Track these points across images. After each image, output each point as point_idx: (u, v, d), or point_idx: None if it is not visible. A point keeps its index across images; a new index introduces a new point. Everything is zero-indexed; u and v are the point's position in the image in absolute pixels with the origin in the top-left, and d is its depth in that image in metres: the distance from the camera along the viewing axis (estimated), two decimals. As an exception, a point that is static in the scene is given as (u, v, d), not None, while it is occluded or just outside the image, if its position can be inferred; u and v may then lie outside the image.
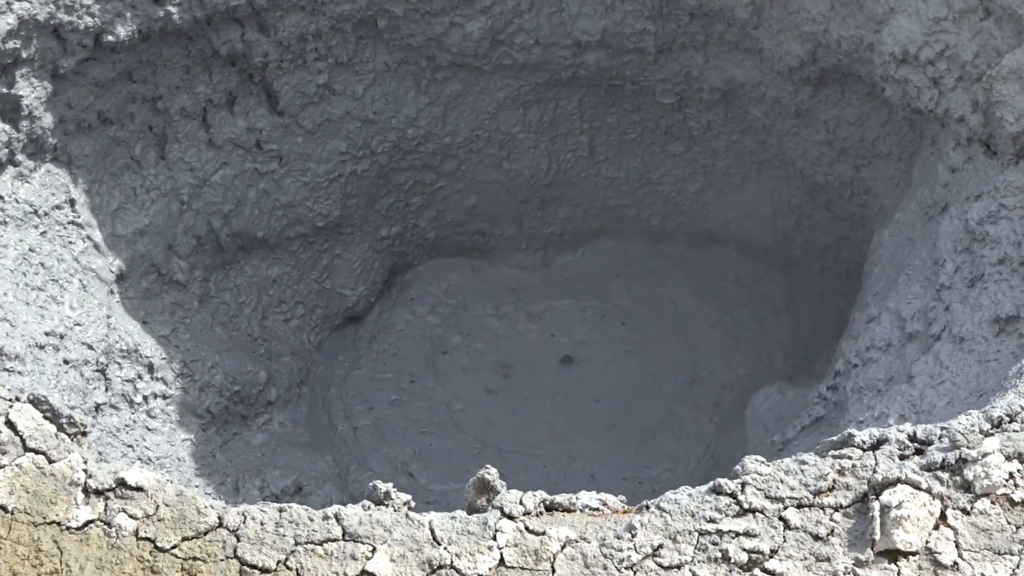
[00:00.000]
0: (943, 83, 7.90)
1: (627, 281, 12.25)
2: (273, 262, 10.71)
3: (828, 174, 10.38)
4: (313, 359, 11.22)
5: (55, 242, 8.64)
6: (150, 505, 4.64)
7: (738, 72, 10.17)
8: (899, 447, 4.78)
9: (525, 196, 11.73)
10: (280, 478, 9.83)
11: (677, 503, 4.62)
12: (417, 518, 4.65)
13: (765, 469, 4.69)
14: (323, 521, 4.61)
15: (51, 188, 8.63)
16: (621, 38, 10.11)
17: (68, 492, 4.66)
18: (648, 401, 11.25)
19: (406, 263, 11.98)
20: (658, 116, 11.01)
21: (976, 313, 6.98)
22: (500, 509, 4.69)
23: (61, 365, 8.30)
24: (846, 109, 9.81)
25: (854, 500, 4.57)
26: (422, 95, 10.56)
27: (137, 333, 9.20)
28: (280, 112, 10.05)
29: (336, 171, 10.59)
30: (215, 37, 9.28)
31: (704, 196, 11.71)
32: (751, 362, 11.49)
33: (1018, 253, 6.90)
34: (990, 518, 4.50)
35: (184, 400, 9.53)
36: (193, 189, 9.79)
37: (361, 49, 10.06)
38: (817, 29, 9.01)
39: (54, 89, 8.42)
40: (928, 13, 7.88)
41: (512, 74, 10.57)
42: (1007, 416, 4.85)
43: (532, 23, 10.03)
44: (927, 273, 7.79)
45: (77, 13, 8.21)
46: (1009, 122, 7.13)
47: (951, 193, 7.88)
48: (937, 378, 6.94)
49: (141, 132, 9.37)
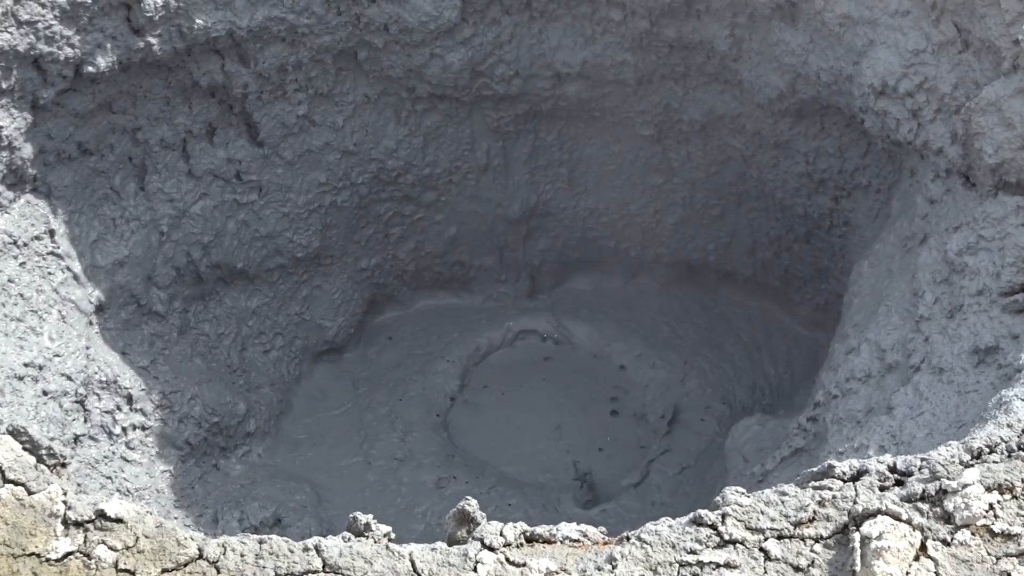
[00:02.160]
0: (922, 115, 7.93)
1: (604, 312, 12.25)
2: (252, 293, 10.70)
3: (807, 205, 10.41)
4: (292, 390, 11.20)
5: (34, 273, 8.62)
6: (130, 537, 4.62)
7: (718, 104, 10.20)
8: (879, 478, 4.78)
9: (504, 227, 11.74)
10: (259, 510, 9.81)
11: (658, 534, 4.62)
12: (397, 549, 4.63)
13: (746, 500, 4.68)
14: (303, 552, 4.60)
15: (30, 219, 8.61)
16: (601, 70, 10.14)
17: (47, 524, 4.64)
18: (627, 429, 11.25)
19: (386, 294, 11.97)
20: (637, 148, 11.03)
21: (955, 344, 6.99)
22: (480, 540, 4.67)
23: (40, 396, 8.27)
24: (825, 141, 9.85)
25: (834, 531, 4.57)
26: (402, 126, 10.57)
27: (116, 364, 9.19)
28: (260, 143, 10.05)
29: (316, 202, 10.59)
30: (195, 68, 9.29)
31: (683, 227, 11.73)
32: (731, 393, 11.48)
33: (997, 284, 6.92)
34: (970, 549, 4.49)
35: (163, 431, 9.51)
36: (173, 220, 9.79)
37: (341, 80, 10.07)
38: (796, 61, 9.04)
39: (34, 120, 8.41)
40: (907, 45, 7.92)
41: (492, 105, 10.59)
42: (987, 447, 4.85)
43: (512, 55, 10.05)
44: (906, 304, 7.80)
45: (57, 44, 8.21)
46: (988, 154, 7.15)
47: (930, 224, 7.90)
48: (916, 409, 6.94)
49: (121, 163, 9.37)
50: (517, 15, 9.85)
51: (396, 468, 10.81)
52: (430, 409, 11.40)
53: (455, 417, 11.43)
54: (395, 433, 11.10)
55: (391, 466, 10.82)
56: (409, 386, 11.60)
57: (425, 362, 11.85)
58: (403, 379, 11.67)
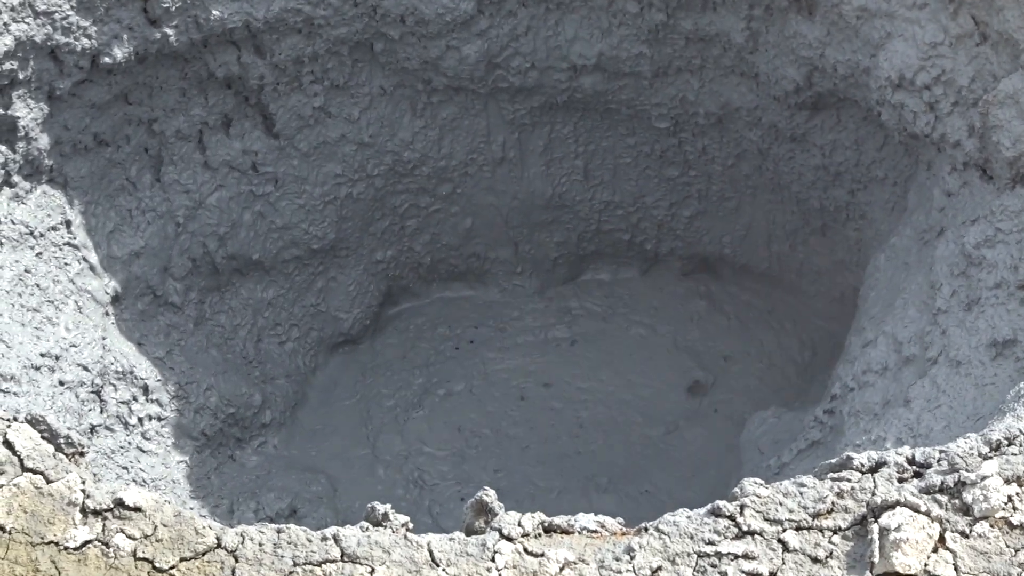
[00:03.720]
0: (939, 108, 7.91)
1: (621, 305, 12.24)
2: (268, 284, 10.70)
3: (823, 198, 10.39)
4: (308, 382, 11.20)
5: (51, 263, 8.64)
6: (148, 525, 4.63)
7: (734, 96, 10.18)
8: (898, 470, 4.78)
9: (520, 220, 11.73)
10: (275, 500, 9.82)
11: (676, 525, 4.62)
12: (415, 539, 4.64)
13: (764, 491, 4.68)
14: (321, 542, 4.60)
15: (47, 209, 8.63)
16: (617, 62, 10.12)
17: (66, 512, 4.65)
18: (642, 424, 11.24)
19: (401, 286, 11.97)
20: (653, 140, 11.01)
21: (973, 337, 6.98)
22: (499, 531, 4.68)
23: (56, 386, 8.29)
24: (842, 133, 9.83)
25: (853, 523, 4.57)
26: (418, 118, 10.56)
27: (132, 355, 9.20)
28: (276, 135, 10.05)
29: (331, 194, 10.59)
30: (211, 59, 9.29)
31: (699, 220, 11.71)
32: (747, 386, 11.47)
33: (1015, 277, 6.91)
34: (989, 541, 4.49)
35: (179, 422, 9.53)
36: (189, 211, 9.79)
37: (357, 72, 10.07)
38: (813, 54, 9.03)
39: (50, 110, 8.43)
40: (924, 38, 7.90)
41: (508, 98, 10.58)
42: (1005, 439, 4.85)
43: (528, 47, 10.04)
44: (923, 297, 7.79)
45: (74, 35, 8.22)
46: (1006, 147, 7.14)
47: (947, 217, 7.89)
48: (934, 402, 6.94)
49: (137, 154, 9.38)
50: (533, 7, 9.83)
51: (408, 460, 10.83)
52: (444, 400, 11.41)
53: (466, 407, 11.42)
54: (410, 424, 11.11)
55: (403, 458, 10.83)
56: (424, 377, 11.60)
57: (440, 353, 11.85)
58: (418, 370, 11.67)
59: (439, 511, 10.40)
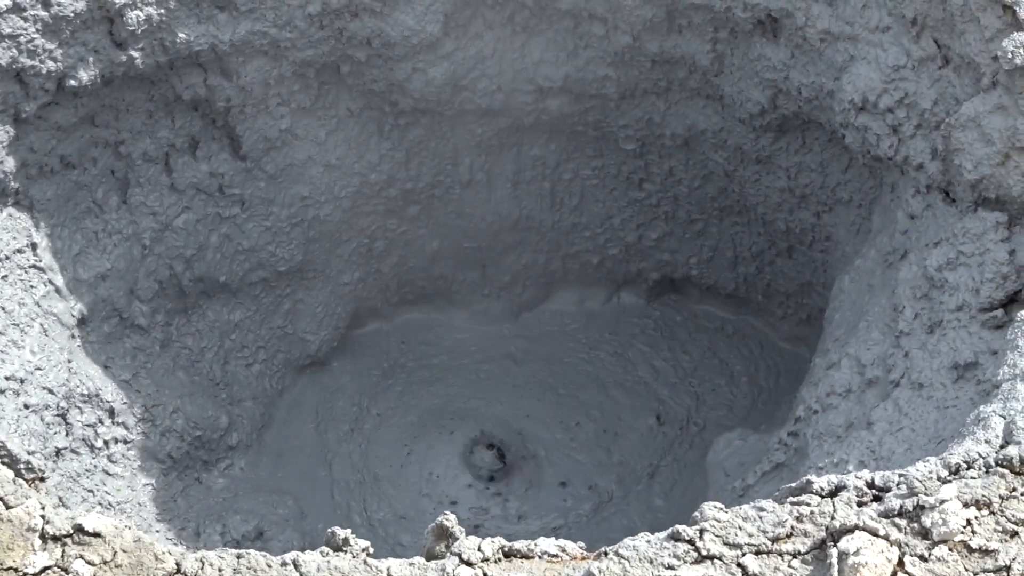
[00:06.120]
0: (902, 130, 7.95)
1: (587, 328, 12.26)
2: (235, 307, 10.69)
3: (789, 220, 10.44)
4: (275, 404, 11.18)
5: (16, 286, 8.62)
6: (107, 551, 4.62)
7: (699, 119, 10.22)
8: (857, 494, 4.80)
9: (487, 242, 11.74)
10: (241, 523, 9.80)
11: (636, 549, 4.63)
12: (375, 564, 4.64)
13: (723, 516, 4.70)
14: (281, 567, 4.60)
15: (12, 232, 8.61)
16: (583, 84, 10.15)
17: (25, 538, 4.64)
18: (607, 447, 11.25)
19: (369, 308, 11.96)
20: (620, 162, 11.05)
21: (935, 360, 7.01)
22: (458, 556, 4.68)
23: (21, 410, 8.27)
24: (807, 156, 9.87)
25: (812, 547, 4.58)
26: (385, 140, 10.57)
27: (98, 377, 9.18)
28: (243, 157, 10.04)
29: (299, 216, 10.58)
30: (178, 82, 9.28)
31: (666, 242, 11.75)
32: (712, 408, 11.50)
33: (976, 300, 6.93)
34: (948, 565, 4.51)
35: (145, 445, 9.50)
36: (155, 233, 9.78)
37: (324, 94, 10.07)
38: (778, 76, 9.07)
39: (16, 133, 8.41)
40: (887, 61, 7.94)
41: (475, 120, 10.59)
42: (965, 463, 4.87)
43: (494, 69, 10.06)
44: (887, 319, 7.82)
45: (40, 58, 8.21)
46: (967, 169, 7.17)
47: (911, 240, 7.92)
48: (896, 424, 6.96)
49: (103, 176, 9.36)
50: (499, 29, 9.85)
51: (377, 481, 10.81)
52: (412, 422, 11.40)
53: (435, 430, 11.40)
54: (377, 446, 11.10)
55: (372, 479, 10.82)
56: (393, 399, 11.58)
57: (408, 376, 11.84)
58: (386, 392, 11.66)
59: (401, 536, 10.40)
